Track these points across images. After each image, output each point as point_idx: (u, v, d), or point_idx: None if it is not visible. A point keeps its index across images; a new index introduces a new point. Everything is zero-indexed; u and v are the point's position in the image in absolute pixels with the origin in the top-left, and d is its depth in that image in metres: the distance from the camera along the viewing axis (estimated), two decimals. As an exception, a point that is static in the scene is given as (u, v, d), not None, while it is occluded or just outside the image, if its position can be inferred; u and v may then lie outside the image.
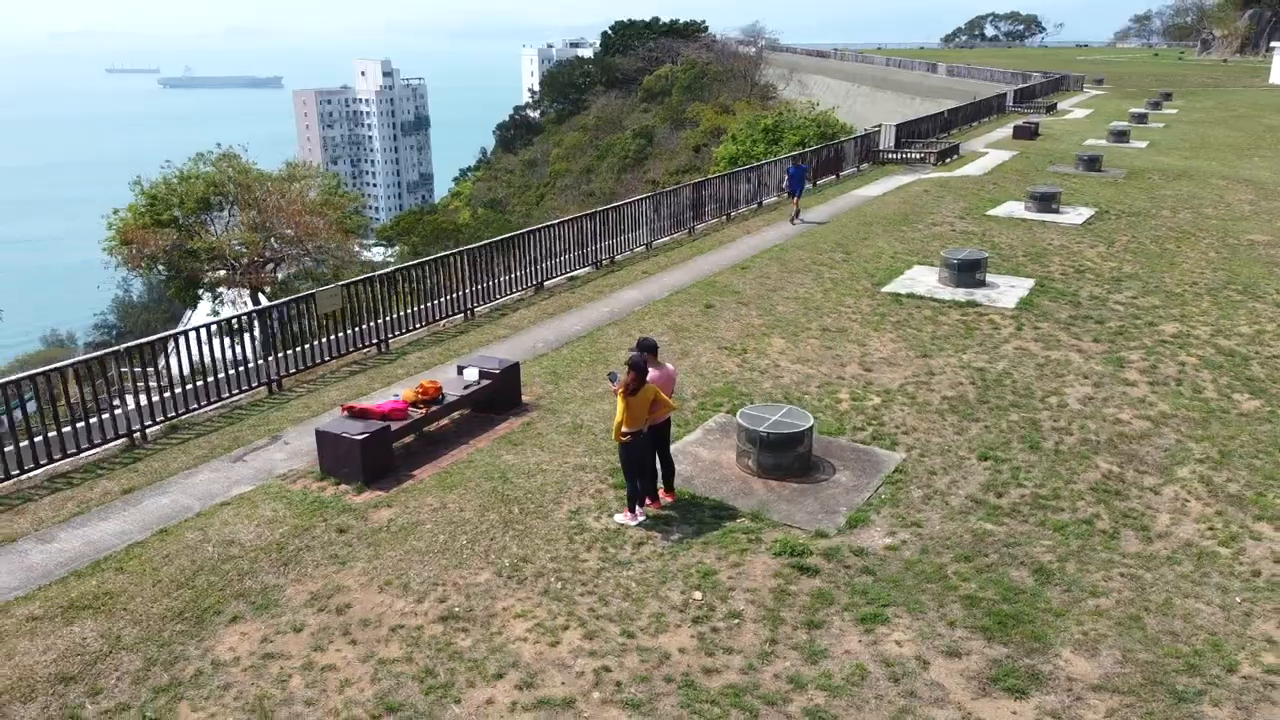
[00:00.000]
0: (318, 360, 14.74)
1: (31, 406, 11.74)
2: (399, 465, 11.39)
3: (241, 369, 13.51)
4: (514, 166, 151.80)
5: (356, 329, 15.26)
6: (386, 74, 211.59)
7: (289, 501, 10.61)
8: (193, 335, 13.13)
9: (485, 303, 18.08)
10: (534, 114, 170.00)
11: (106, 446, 12.08)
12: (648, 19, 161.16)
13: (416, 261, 17.55)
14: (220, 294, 35.60)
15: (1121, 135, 40.88)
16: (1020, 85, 64.10)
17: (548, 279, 19.49)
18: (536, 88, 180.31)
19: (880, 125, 38.62)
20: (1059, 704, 7.46)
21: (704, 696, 7.54)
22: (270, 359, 13.89)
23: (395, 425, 11.32)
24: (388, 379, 14.48)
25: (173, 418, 12.81)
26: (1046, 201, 26.07)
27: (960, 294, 18.37)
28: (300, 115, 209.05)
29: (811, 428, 11.32)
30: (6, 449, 11.09)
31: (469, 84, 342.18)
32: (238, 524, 10.13)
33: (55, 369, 11.87)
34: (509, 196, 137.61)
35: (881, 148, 36.82)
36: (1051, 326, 16.58)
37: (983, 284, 18.97)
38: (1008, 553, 9.58)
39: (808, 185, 28.06)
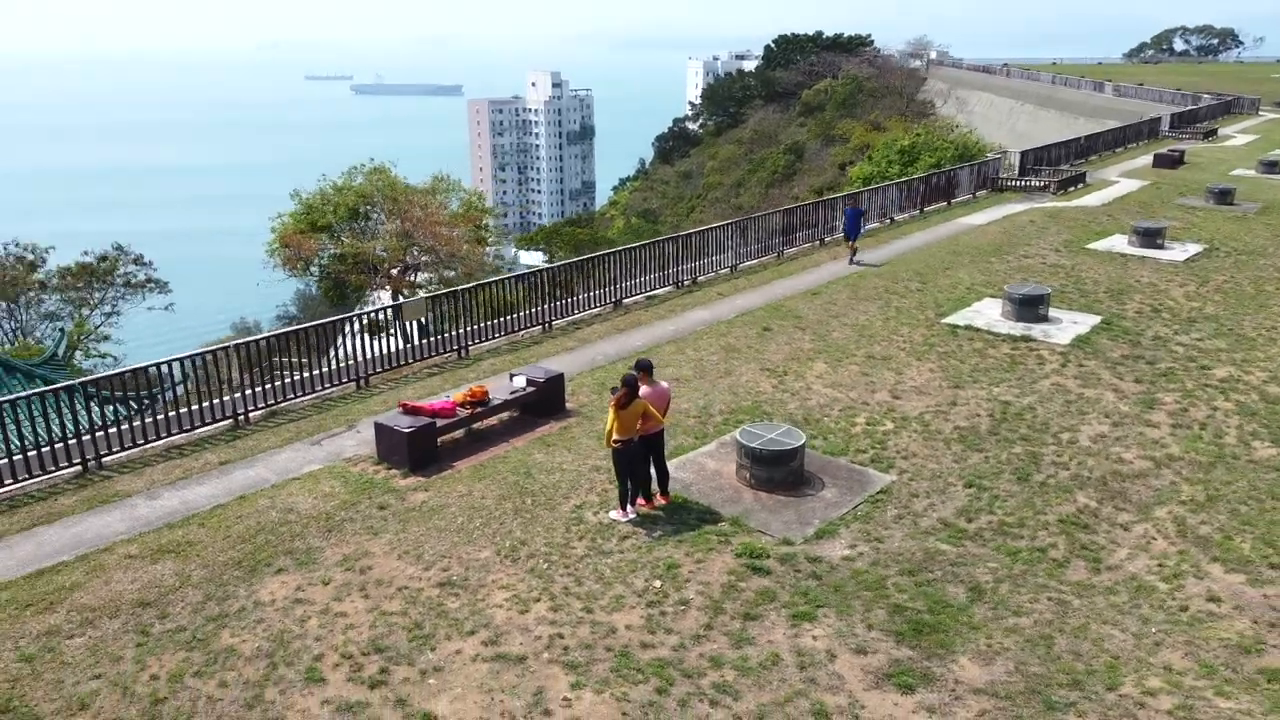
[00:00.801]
0: (403, 362, 16.89)
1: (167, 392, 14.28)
2: (443, 456, 13.26)
3: (333, 366, 15.79)
4: (669, 178, 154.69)
5: (440, 335, 17.35)
6: (556, 85, 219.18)
7: (345, 480, 12.64)
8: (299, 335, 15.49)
9: (564, 317, 19.90)
10: (693, 126, 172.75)
11: (217, 425, 14.52)
12: (811, 32, 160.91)
13: (497, 278, 19.54)
14: (365, 295, 39.07)
15: (1272, 166, 39.03)
16: (1183, 108, 61.30)
17: (627, 297, 21.13)
18: (697, 100, 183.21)
19: (1005, 151, 38.33)
20: (938, 701, 8.46)
21: (633, 664, 8.94)
22: (360, 359, 16.11)
23: (441, 422, 13.20)
24: (459, 381, 16.45)
25: (273, 405, 15.17)
26: (1150, 237, 25.74)
27: (1019, 328, 18.83)
28: (473, 123, 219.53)
29: (802, 446, 12.47)
30: (134, 424, 13.63)
31: (638, 94, 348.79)
32: (300, 495, 12.23)
33: (208, 350, 14.39)
34: (662, 207, 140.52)
35: (1003, 175, 36.65)
36: (1098, 364, 16.92)
37: (1045, 319, 19.33)
38: (951, 571, 10.51)
39: (868, 224, 27.80)
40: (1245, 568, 10.52)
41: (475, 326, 17.93)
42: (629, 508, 11.59)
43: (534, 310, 19.11)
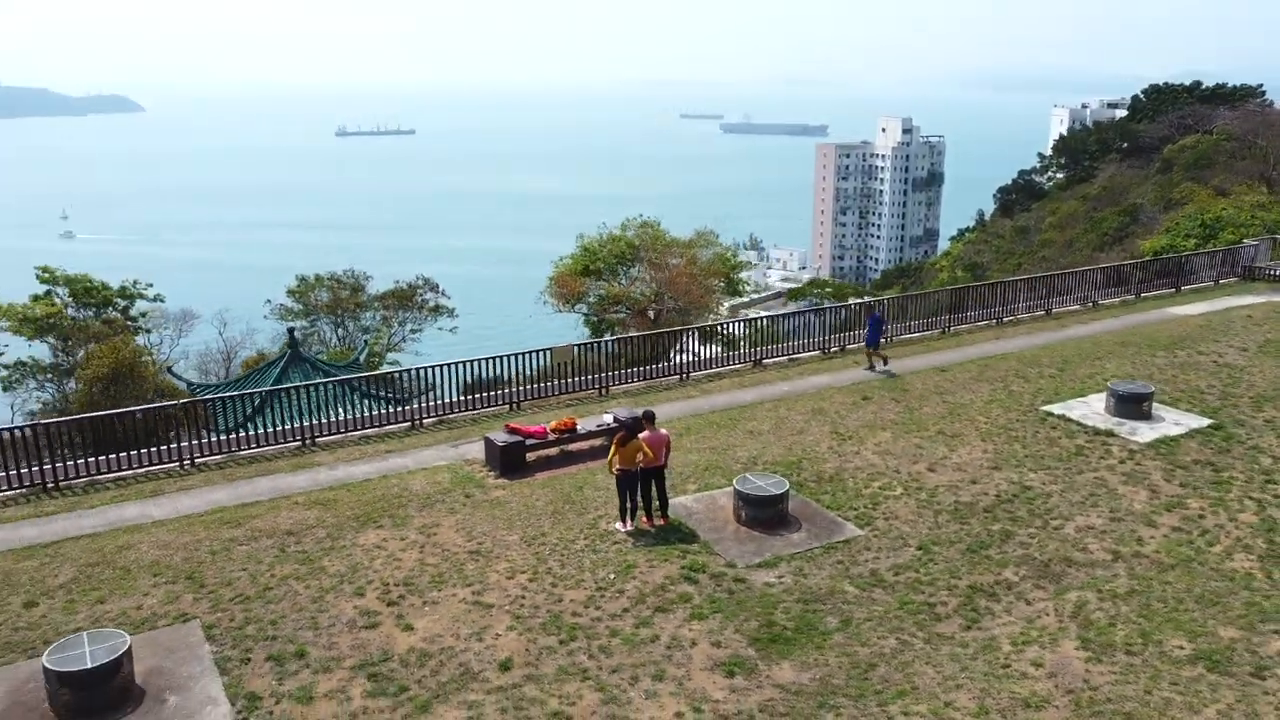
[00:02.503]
0: (550, 394, 21.52)
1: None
2: (531, 467, 17.59)
3: (490, 392, 20.77)
4: (1004, 231, 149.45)
5: (584, 376, 21.79)
6: (906, 130, 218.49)
7: (454, 474, 17.39)
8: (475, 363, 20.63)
9: (703, 370, 23.56)
10: (1040, 178, 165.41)
11: (398, 425, 19.98)
12: (1188, 83, 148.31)
13: (640, 334, 23.60)
14: (616, 331, 44.60)
15: None
16: None
17: (768, 357, 24.34)
18: (1048, 151, 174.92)
19: (1268, 238, 35.99)
20: (742, 685, 11.35)
21: (557, 623, 12.62)
22: (512, 387, 20.97)
23: (531, 442, 17.56)
24: (587, 413, 20.76)
25: (442, 416, 20.39)
26: (1358, 344, 24.36)
27: (1111, 423, 19.71)
28: (819, 165, 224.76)
29: (784, 494, 15.36)
30: (342, 416, 19.37)
31: (1002, 138, 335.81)
32: (419, 480, 17.14)
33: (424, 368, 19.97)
34: (991, 261, 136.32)
35: (1265, 263, 34.60)
36: (1159, 465, 17.68)
37: (1148, 417, 19.96)
38: (838, 606, 13.06)
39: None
40: (1095, 648, 12.06)
41: (615, 371, 22.19)
42: (627, 521, 15.20)
43: (672, 362, 23.01)
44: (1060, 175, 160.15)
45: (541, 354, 21.57)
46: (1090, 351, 24.98)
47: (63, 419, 21.19)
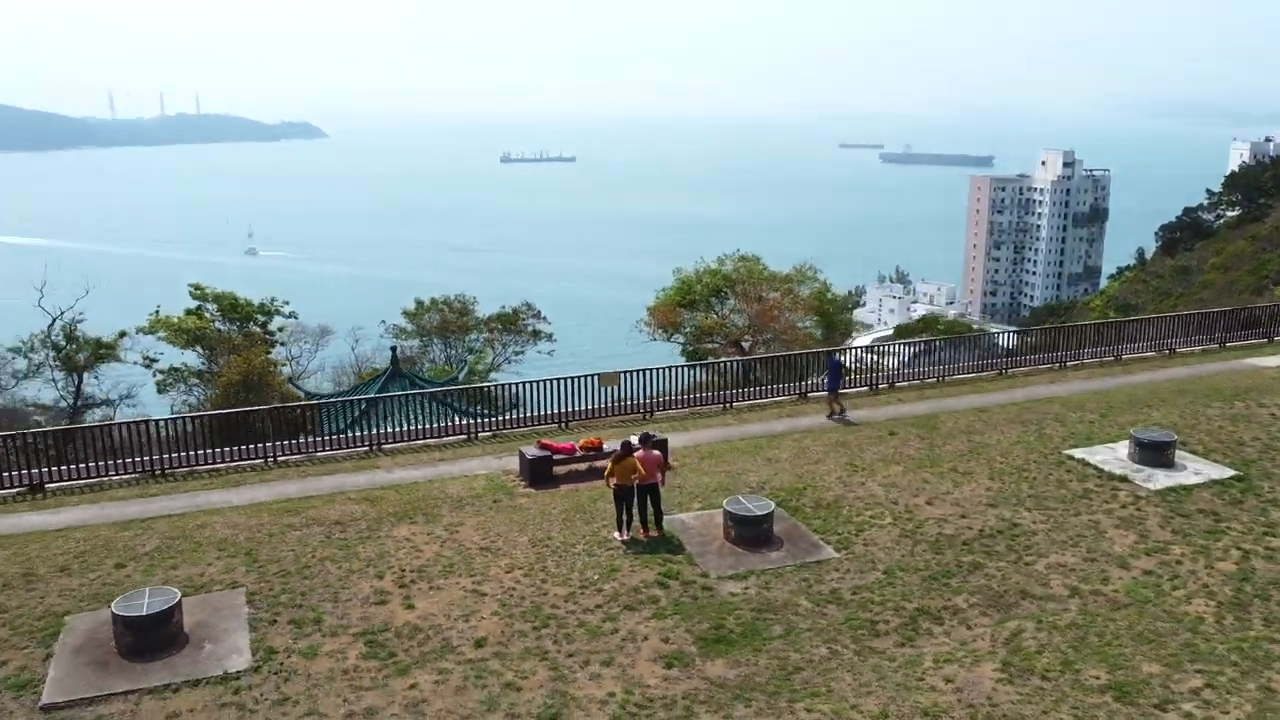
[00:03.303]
0: (597, 415, 23.51)
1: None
2: (558, 479, 19.56)
3: (541, 411, 22.93)
4: (1164, 270, 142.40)
5: (629, 400, 23.71)
6: (1067, 164, 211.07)
7: (490, 482, 19.58)
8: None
9: (747, 400, 25.04)
10: (1208, 216, 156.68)
11: (455, 438, 22.41)
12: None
13: (697, 363, 25.28)
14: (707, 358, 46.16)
15: None
16: None
17: (814, 391, 25.59)
18: (1218, 188, 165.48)
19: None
20: (677, 675, 12.93)
21: (536, 612, 14.47)
22: (561, 410, 23.06)
23: (558, 457, 19.58)
24: (625, 433, 22.58)
25: (497, 430, 22.70)
26: None
27: (1129, 469, 20.06)
28: (973, 198, 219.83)
29: (770, 514, 16.79)
30: (407, 429, 21.93)
31: (1184, 171, 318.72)
32: (457, 485, 19.41)
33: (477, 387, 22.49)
34: (1146, 302, 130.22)
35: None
36: (1160, 510, 18.05)
37: (1169, 465, 20.18)
38: (787, 618, 14.40)
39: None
40: (1013, 671, 12.99)
41: (664, 398, 23.99)
42: (623, 530, 16.96)
43: (715, 393, 24.62)
44: (1231, 213, 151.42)
45: (593, 378, 23.65)
46: (1143, 399, 25.05)
47: (174, 417, 24.73)
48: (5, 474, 19.31)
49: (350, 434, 22.18)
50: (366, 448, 21.89)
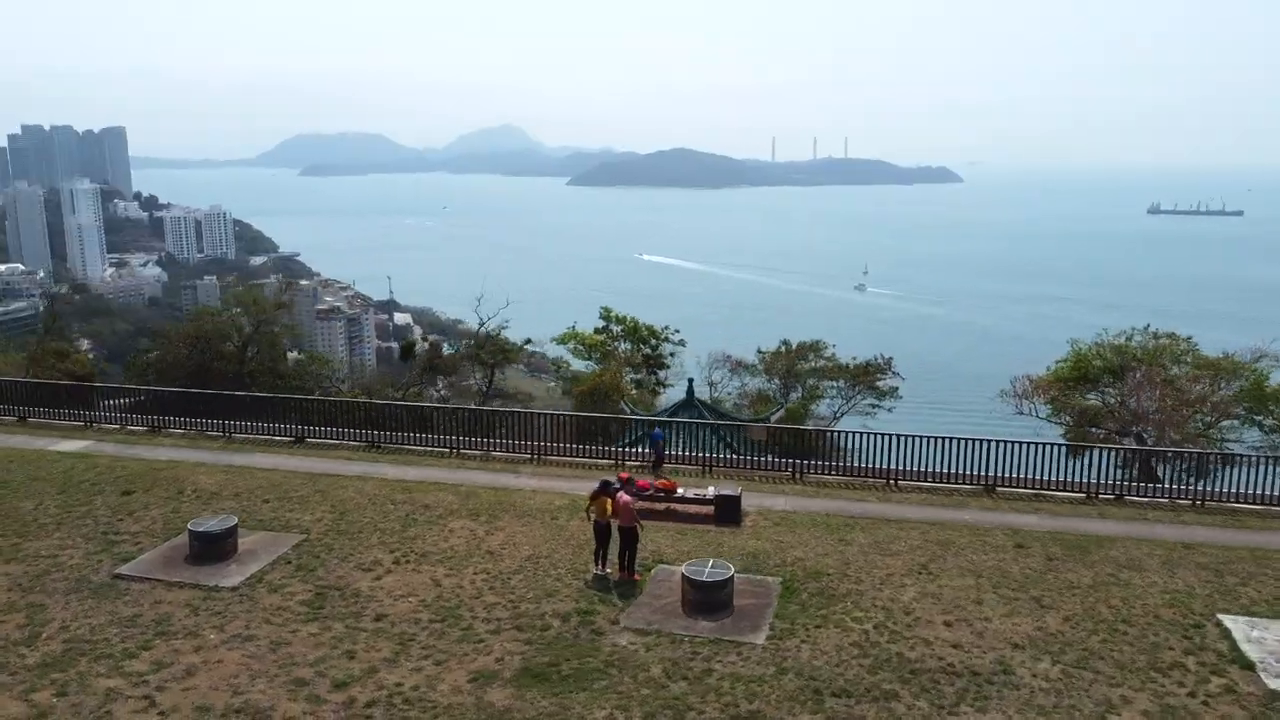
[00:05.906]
0: (742, 465, 23.63)
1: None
2: (625, 512, 20.66)
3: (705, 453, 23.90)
4: None
5: (775, 457, 23.41)
6: None
7: (570, 500, 21.35)
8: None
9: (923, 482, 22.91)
10: None
11: (521, 454, 24.55)
12: None
13: (835, 430, 23.60)
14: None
15: None
16: None
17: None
18: None
19: None
20: (482, 689, 13.99)
21: (450, 602, 16.33)
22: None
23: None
24: (744, 479, 22.55)
25: (644, 461, 24.15)
26: None
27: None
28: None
29: (724, 582, 16.31)
30: (584, 447, 24.55)
31: None
32: (539, 498, 21.54)
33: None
34: None
35: None
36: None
37: None
38: (630, 675, 14.16)
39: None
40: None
41: (808, 461, 23.29)
42: (599, 565, 17.78)
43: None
44: None
45: (744, 428, 23.94)
46: None
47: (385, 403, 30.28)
48: (280, 426, 26.37)
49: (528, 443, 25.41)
50: (529, 456, 25.05)
